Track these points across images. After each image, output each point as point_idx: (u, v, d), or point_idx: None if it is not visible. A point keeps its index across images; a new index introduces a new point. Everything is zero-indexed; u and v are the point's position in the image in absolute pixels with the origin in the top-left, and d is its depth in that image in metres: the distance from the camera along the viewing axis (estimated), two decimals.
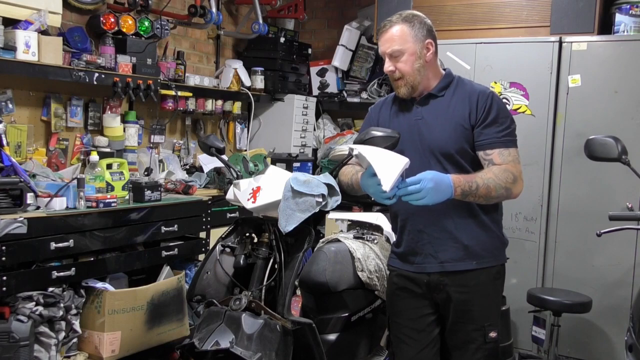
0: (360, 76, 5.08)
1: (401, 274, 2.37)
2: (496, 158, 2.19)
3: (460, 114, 2.24)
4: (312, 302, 2.62)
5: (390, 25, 2.24)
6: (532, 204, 3.74)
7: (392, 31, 2.23)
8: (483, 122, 2.21)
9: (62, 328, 2.78)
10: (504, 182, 2.15)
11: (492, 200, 2.18)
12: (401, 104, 2.36)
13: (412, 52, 2.22)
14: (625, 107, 3.53)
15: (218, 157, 2.49)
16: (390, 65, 2.24)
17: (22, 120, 3.31)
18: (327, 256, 2.63)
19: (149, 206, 3.21)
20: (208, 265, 2.34)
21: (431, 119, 2.27)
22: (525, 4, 3.94)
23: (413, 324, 2.35)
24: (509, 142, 2.22)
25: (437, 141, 2.25)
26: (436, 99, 2.29)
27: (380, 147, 2.10)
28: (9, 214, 2.64)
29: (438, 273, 2.28)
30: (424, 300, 2.34)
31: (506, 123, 2.23)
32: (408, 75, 2.24)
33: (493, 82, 3.83)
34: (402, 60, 2.23)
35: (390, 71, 2.25)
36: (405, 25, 2.23)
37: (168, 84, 3.96)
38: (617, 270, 3.55)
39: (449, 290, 2.28)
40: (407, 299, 2.36)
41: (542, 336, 3.41)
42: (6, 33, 2.99)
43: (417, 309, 2.35)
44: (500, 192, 2.15)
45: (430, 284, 2.30)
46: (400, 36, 2.22)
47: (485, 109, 2.21)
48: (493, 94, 2.26)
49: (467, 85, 2.31)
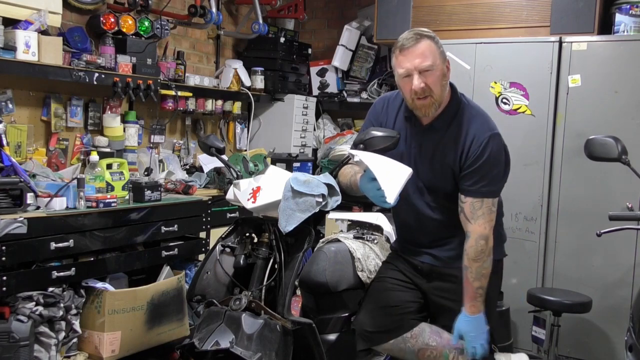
0: (360, 76, 5.08)
1: (400, 256, 2.46)
2: (467, 208, 2.20)
3: (452, 158, 2.22)
4: (312, 302, 2.62)
5: (419, 39, 2.12)
6: (532, 204, 3.74)
7: (423, 46, 2.11)
8: (469, 167, 2.19)
9: (62, 328, 2.78)
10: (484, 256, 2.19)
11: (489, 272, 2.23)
12: (406, 118, 2.32)
13: (441, 69, 2.15)
14: (625, 107, 3.53)
15: (218, 157, 2.49)
16: (421, 82, 2.11)
17: (22, 120, 3.31)
18: (327, 256, 2.62)
19: (149, 206, 3.21)
20: (208, 265, 2.34)
21: (426, 153, 2.27)
22: (525, 4, 3.94)
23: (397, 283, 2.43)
24: (487, 193, 2.19)
25: (427, 178, 2.28)
26: (437, 132, 2.25)
27: (380, 147, 2.10)
28: (9, 214, 2.64)
29: (431, 264, 2.36)
30: (413, 287, 2.41)
31: (491, 172, 2.19)
32: (436, 94, 2.15)
33: (493, 82, 3.83)
34: (431, 75, 2.12)
35: (422, 88, 2.11)
36: (432, 41, 2.14)
37: (168, 84, 3.96)
38: (617, 270, 3.55)
39: (441, 278, 2.34)
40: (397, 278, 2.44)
41: (542, 336, 3.41)
42: (6, 33, 2.99)
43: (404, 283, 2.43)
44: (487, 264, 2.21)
45: (423, 270, 2.38)
46: (431, 52, 2.12)
47: (475, 156, 2.18)
48: (489, 140, 2.18)
49: (467, 119, 2.23)
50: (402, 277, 2.43)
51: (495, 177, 2.20)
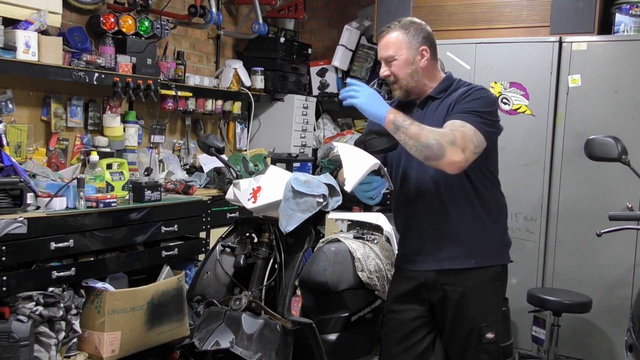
0: (360, 76, 5.08)
1: (404, 274, 2.39)
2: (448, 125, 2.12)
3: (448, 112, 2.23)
4: (312, 302, 2.62)
5: (387, 32, 2.31)
6: (532, 204, 3.74)
7: (388, 38, 2.30)
8: (455, 104, 2.21)
9: (62, 328, 2.78)
10: (439, 137, 2.05)
11: (420, 147, 2.05)
12: (403, 106, 2.36)
13: (404, 59, 2.28)
14: (625, 107, 3.53)
15: (217, 156, 2.49)
16: (386, 70, 2.33)
17: (22, 120, 3.31)
18: (327, 256, 2.63)
19: (149, 206, 3.21)
20: (208, 265, 2.34)
21: (429, 120, 2.27)
22: (525, 4, 3.94)
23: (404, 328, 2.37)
24: (468, 118, 2.13)
25: None
26: (434, 101, 2.31)
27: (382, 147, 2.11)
28: (9, 214, 2.64)
29: (435, 272, 2.29)
30: (418, 305, 2.35)
31: (477, 107, 2.16)
32: (401, 80, 2.30)
33: (493, 82, 3.83)
34: (394, 64, 2.29)
35: (386, 75, 2.34)
36: (401, 32, 2.29)
37: (168, 84, 3.96)
38: (617, 270, 3.55)
39: (446, 289, 2.28)
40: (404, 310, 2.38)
41: (542, 336, 3.41)
42: (6, 33, 2.99)
43: (409, 311, 2.37)
44: (430, 142, 2.03)
45: (427, 284, 2.31)
46: (394, 43, 2.29)
47: (463, 96, 2.21)
48: (479, 88, 2.25)
49: (463, 85, 2.32)
50: (412, 309, 2.37)
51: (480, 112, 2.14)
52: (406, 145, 2.10)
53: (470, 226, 2.26)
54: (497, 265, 2.32)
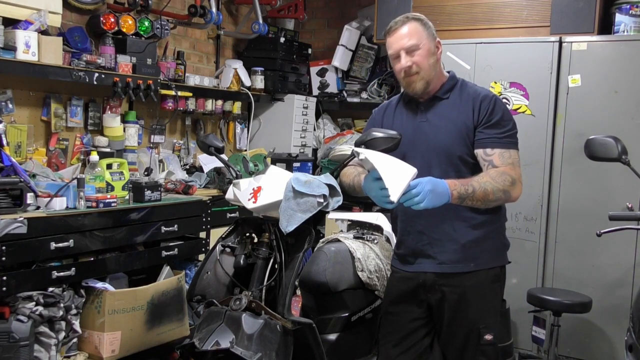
0: (360, 76, 5.08)
1: (402, 276, 2.38)
2: (496, 159, 2.19)
3: (465, 116, 2.24)
4: (312, 302, 2.62)
5: (403, 23, 2.25)
6: (532, 204, 3.74)
7: (406, 29, 2.23)
8: (486, 122, 2.22)
9: (62, 328, 2.78)
10: (502, 185, 2.13)
11: (491, 203, 2.17)
12: (406, 106, 2.36)
13: (427, 48, 2.24)
14: (625, 107, 3.53)
15: (217, 156, 2.49)
16: (408, 60, 2.22)
17: (22, 120, 3.31)
18: (327, 256, 2.63)
19: (149, 206, 3.21)
20: (208, 265, 2.34)
21: (436, 121, 2.27)
22: (525, 4, 3.94)
23: (402, 329, 2.36)
24: (510, 144, 2.22)
25: (442, 143, 2.25)
26: (441, 101, 2.30)
27: (382, 148, 2.10)
28: (9, 214, 2.64)
29: (434, 273, 2.29)
30: (416, 307, 2.34)
31: (508, 126, 2.24)
32: (424, 70, 2.23)
33: (493, 82, 3.83)
34: (418, 54, 2.22)
35: (408, 66, 2.22)
36: (418, 23, 2.26)
37: (168, 84, 3.96)
38: (617, 270, 3.55)
39: (444, 290, 2.28)
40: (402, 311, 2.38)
41: (542, 336, 3.41)
42: (6, 33, 2.99)
43: (408, 313, 2.36)
44: (498, 195, 2.13)
45: (425, 285, 2.31)
46: (415, 33, 2.23)
47: (489, 110, 2.22)
48: (496, 97, 2.27)
49: (470, 87, 2.32)
50: (410, 310, 2.37)
51: (512, 130, 2.24)
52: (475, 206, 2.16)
53: (470, 228, 2.26)
54: (496, 267, 2.32)
